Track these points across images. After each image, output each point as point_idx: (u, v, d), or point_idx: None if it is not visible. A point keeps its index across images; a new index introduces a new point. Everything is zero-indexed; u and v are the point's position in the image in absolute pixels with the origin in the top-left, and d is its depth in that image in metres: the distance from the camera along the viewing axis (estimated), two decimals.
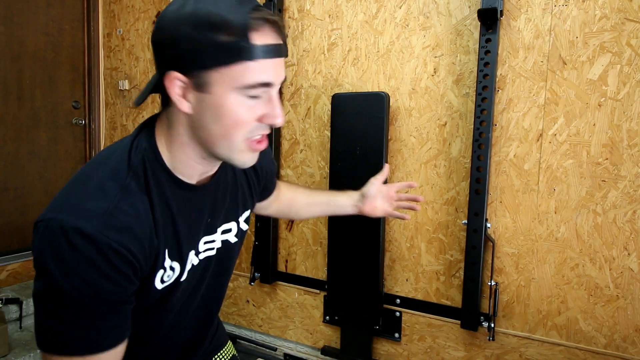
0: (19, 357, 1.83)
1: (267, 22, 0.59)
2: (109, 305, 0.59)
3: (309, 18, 1.93)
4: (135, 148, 0.65)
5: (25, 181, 2.46)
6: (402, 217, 1.09)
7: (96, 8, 2.70)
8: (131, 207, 0.61)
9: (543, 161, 1.50)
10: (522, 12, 1.50)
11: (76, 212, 0.57)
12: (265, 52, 0.59)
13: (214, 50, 0.57)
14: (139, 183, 0.63)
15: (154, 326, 0.79)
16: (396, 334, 1.79)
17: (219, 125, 0.61)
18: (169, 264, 0.69)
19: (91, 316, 0.58)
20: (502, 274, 1.59)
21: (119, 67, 2.66)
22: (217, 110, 0.60)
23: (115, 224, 0.58)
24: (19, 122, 2.40)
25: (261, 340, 2.14)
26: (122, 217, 0.59)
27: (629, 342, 1.41)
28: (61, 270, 0.55)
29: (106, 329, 0.60)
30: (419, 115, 1.70)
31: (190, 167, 0.69)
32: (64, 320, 0.57)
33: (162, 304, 0.74)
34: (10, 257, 2.35)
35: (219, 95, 0.60)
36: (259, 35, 0.58)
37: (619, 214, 1.40)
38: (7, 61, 2.32)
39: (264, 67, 0.59)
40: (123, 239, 0.58)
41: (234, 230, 0.84)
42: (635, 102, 1.36)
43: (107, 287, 0.57)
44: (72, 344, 0.58)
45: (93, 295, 0.57)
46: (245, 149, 0.64)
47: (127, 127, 2.66)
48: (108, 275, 0.57)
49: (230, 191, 0.81)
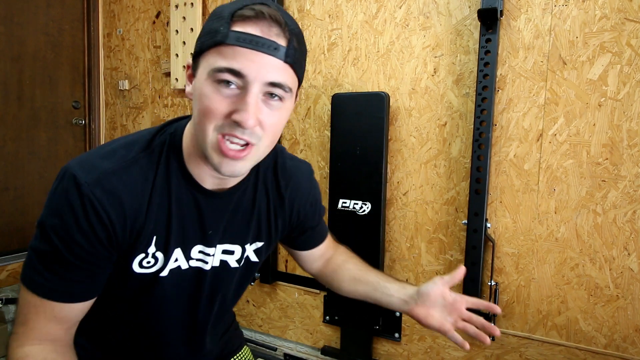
0: None
1: (255, 14, 0.58)
2: (77, 259, 0.62)
3: (309, 18, 1.93)
4: (163, 130, 0.69)
5: (25, 181, 2.46)
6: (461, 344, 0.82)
7: (96, 8, 2.70)
8: (130, 178, 0.63)
9: (543, 161, 1.50)
10: (522, 12, 1.50)
11: (82, 164, 0.62)
12: (238, 39, 0.57)
13: (205, 35, 0.60)
14: (150, 161, 0.66)
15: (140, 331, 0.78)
16: (396, 334, 1.79)
17: (198, 110, 0.61)
18: (152, 251, 0.68)
19: (61, 263, 0.62)
20: (502, 274, 1.59)
21: (119, 67, 2.66)
22: (197, 93, 0.61)
23: (105, 185, 0.61)
24: (19, 122, 2.40)
25: (261, 340, 2.14)
26: (115, 182, 0.62)
27: (629, 342, 1.41)
28: (51, 207, 0.61)
29: (70, 282, 0.63)
30: (419, 115, 1.70)
31: (197, 165, 0.68)
32: (40, 257, 0.62)
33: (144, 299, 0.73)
34: (10, 257, 2.35)
35: (199, 79, 0.61)
36: (241, 24, 0.58)
37: (619, 214, 1.40)
38: (7, 61, 2.33)
39: (237, 54, 0.57)
40: (105, 201, 0.61)
41: (237, 254, 0.79)
42: (635, 102, 1.36)
43: (79, 239, 0.61)
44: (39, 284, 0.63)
45: (66, 242, 0.61)
46: (216, 147, 0.61)
47: (127, 127, 2.66)
48: (82, 227, 0.60)
49: (244, 213, 0.77)
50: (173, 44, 2.29)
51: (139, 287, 0.71)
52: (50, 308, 0.64)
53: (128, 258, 0.67)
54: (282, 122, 0.64)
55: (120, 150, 0.65)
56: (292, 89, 0.62)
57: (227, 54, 0.57)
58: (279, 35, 0.59)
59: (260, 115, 0.60)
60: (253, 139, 0.61)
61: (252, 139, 0.61)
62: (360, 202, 1.74)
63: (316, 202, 0.90)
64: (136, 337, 0.79)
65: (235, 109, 0.58)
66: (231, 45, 0.57)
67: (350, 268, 0.94)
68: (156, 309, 0.75)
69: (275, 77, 0.59)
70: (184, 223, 0.70)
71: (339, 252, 1.00)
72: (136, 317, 0.76)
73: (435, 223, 1.70)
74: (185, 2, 2.22)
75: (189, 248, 0.73)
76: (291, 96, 0.64)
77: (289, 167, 0.83)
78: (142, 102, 2.56)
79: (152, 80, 2.52)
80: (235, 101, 0.59)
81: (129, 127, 2.65)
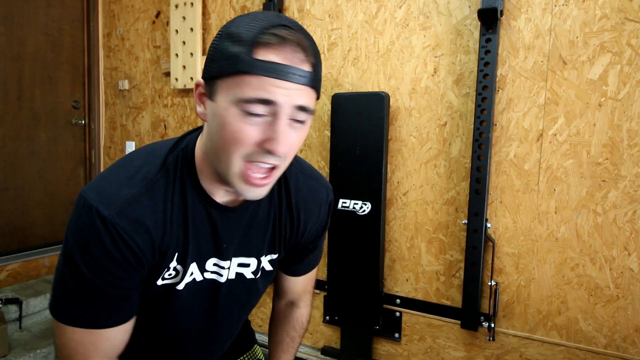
0: (19, 357, 1.83)
1: (280, 40, 0.56)
2: (111, 287, 0.63)
3: (309, 18, 1.93)
4: (176, 147, 0.69)
5: (25, 181, 2.46)
6: None
7: (96, 8, 2.70)
8: (151, 202, 0.64)
9: (543, 161, 1.50)
10: (522, 12, 1.50)
11: (103, 196, 0.62)
12: (265, 69, 0.55)
13: (222, 60, 0.57)
14: (167, 181, 0.66)
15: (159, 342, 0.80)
16: (396, 334, 1.79)
17: (220, 137, 0.60)
18: (173, 265, 0.70)
19: (96, 293, 0.62)
20: (502, 274, 1.59)
21: (119, 67, 2.66)
22: (220, 121, 0.59)
23: (129, 214, 0.61)
24: (19, 122, 2.40)
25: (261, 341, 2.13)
26: (138, 210, 0.62)
27: (629, 342, 1.41)
28: (78, 243, 0.61)
29: (107, 309, 0.64)
30: (419, 115, 1.70)
31: (209, 181, 0.68)
32: (72, 291, 0.62)
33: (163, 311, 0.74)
34: (10, 257, 2.35)
35: (222, 105, 0.59)
36: (264, 52, 0.56)
37: (619, 214, 1.40)
38: (7, 61, 2.32)
39: (264, 84, 0.56)
40: (131, 229, 0.61)
41: (253, 266, 0.80)
42: (635, 102, 1.36)
43: (111, 268, 0.61)
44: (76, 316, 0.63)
45: (98, 273, 0.61)
46: (242, 175, 0.61)
47: (126, 127, 2.66)
48: (113, 258, 0.61)
49: (258, 227, 0.77)
50: (173, 44, 2.29)
51: (159, 299, 0.73)
52: (97, 338, 0.64)
53: (155, 275, 0.69)
54: (303, 139, 0.65)
55: (138, 175, 0.64)
56: (313, 108, 0.63)
57: (254, 84, 0.56)
58: (303, 62, 0.58)
59: (289, 140, 0.60)
60: (279, 161, 0.62)
61: (279, 161, 0.62)
62: (360, 202, 1.74)
63: (324, 228, 0.90)
64: (155, 347, 0.81)
65: (268, 138, 0.58)
66: (257, 75, 0.56)
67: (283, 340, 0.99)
68: (175, 318, 0.76)
69: (303, 101, 0.59)
70: (198, 237, 0.71)
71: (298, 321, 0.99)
72: (156, 328, 0.78)
73: (435, 223, 1.70)
74: (185, 2, 2.22)
75: (204, 261, 0.74)
76: (312, 114, 0.64)
77: (307, 186, 0.83)
78: (142, 102, 2.56)
79: (152, 80, 2.52)
80: (266, 129, 0.58)
81: (128, 127, 2.65)
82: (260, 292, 0.87)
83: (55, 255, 2.52)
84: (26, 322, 2.10)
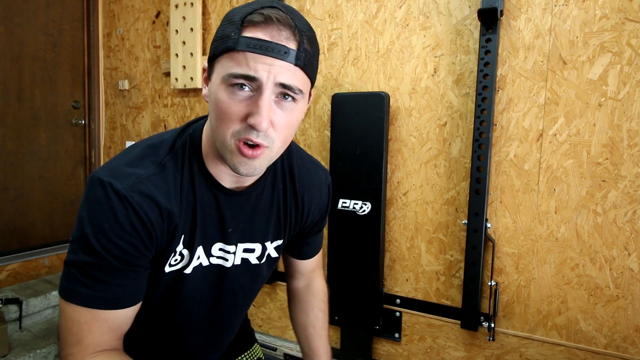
0: (19, 357, 1.83)
1: (264, 19, 0.59)
2: (122, 263, 0.63)
3: (309, 18, 1.93)
4: (184, 132, 0.71)
5: (25, 181, 2.46)
6: None
7: (96, 8, 2.70)
8: (162, 182, 0.65)
9: (543, 161, 1.50)
10: (522, 12, 1.50)
11: (114, 173, 0.63)
12: (248, 45, 0.58)
13: (218, 40, 0.62)
14: (175, 164, 0.68)
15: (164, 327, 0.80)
16: (396, 334, 1.79)
17: (214, 115, 0.63)
18: (179, 249, 0.71)
19: (106, 270, 0.62)
20: (502, 274, 1.59)
21: (119, 67, 2.66)
22: (213, 98, 0.63)
23: (141, 190, 0.63)
24: (19, 122, 2.40)
25: (261, 340, 2.14)
26: (150, 187, 0.64)
27: (629, 342, 1.41)
28: (90, 217, 0.61)
29: (116, 287, 0.64)
30: (419, 115, 1.70)
31: (214, 165, 0.70)
32: (83, 269, 0.62)
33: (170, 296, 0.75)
34: (10, 257, 2.35)
35: (215, 83, 0.63)
36: (251, 30, 0.59)
37: (619, 214, 1.40)
38: (7, 61, 2.32)
39: (248, 59, 0.58)
40: (144, 204, 0.63)
41: (257, 252, 0.82)
42: (635, 102, 1.36)
43: (121, 243, 0.62)
44: (85, 294, 0.62)
45: (109, 248, 0.61)
46: (235, 150, 0.63)
47: (126, 127, 2.66)
48: (124, 230, 0.62)
49: (262, 212, 0.79)
50: (173, 43, 2.29)
51: (166, 285, 0.73)
52: (102, 318, 0.64)
53: (163, 258, 0.69)
54: (294, 122, 0.65)
55: (147, 155, 0.66)
56: (302, 90, 0.63)
57: (239, 59, 0.59)
58: (288, 39, 0.60)
59: (274, 117, 0.62)
60: (266, 141, 0.62)
61: (265, 141, 0.62)
62: (360, 202, 1.74)
63: (326, 210, 0.92)
64: (160, 333, 0.81)
65: (250, 112, 0.60)
66: (242, 52, 0.58)
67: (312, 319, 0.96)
68: (181, 305, 0.77)
69: (286, 79, 0.60)
70: (205, 221, 0.72)
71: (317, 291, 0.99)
72: (162, 314, 0.78)
73: (435, 223, 1.70)
74: (185, 2, 2.22)
75: (210, 245, 0.75)
76: (303, 97, 0.65)
77: (307, 170, 0.86)
78: (142, 102, 2.56)
79: (152, 80, 2.52)
80: (250, 104, 0.60)
81: (128, 127, 2.65)
82: (263, 279, 0.89)
83: (55, 255, 2.52)
84: (26, 322, 2.10)
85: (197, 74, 2.23)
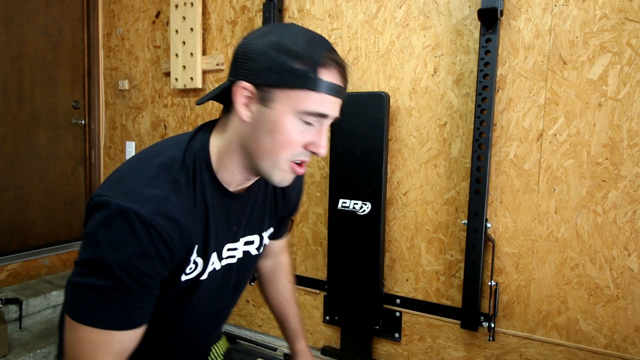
0: (19, 357, 1.83)
1: (336, 65, 0.68)
2: (140, 285, 0.64)
3: (309, 18, 1.93)
4: (190, 147, 0.72)
5: (25, 181, 2.46)
6: None
7: (96, 8, 2.70)
8: (178, 200, 0.67)
9: (543, 161, 1.50)
10: (522, 12, 1.50)
11: (133, 196, 0.63)
12: (328, 88, 0.66)
13: (287, 73, 0.65)
14: (187, 179, 0.70)
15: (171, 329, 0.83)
16: (396, 334, 1.79)
17: (271, 140, 0.68)
18: (193, 258, 0.73)
19: (122, 292, 0.63)
20: (502, 274, 1.59)
21: (119, 67, 2.66)
22: (273, 126, 0.67)
23: (163, 212, 0.64)
24: (19, 122, 2.40)
25: (261, 340, 2.14)
26: (170, 207, 0.65)
27: (629, 342, 1.41)
28: (110, 243, 0.61)
29: (131, 308, 0.65)
30: (419, 115, 1.70)
31: (231, 174, 0.74)
32: (98, 291, 0.62)
33: (182, 302, 0.78)
34: (10, 257, 2.35)
35: (279, 112, 0.66)
36: (326, 73, 0.66)
37: (619, 214, 1.40)
38: (7, 61, 2.33)
39: (324, 100, 0.67)
40: (168, 226, 0.64)
41: (256, 243, 0.88)
42: (635, 102, 1.36)
43: (143, 266, 0.63)
44: (99, 316, 0.63)
45: (130, 272, 0.62)
46: (288, 169, 0.70)
47: (126, 127, 2.66)
48: (148, 255, 0.63)
49: (259, 205, 0.86)
50: (173, 43, 2.29)
51: (180, 292, 0.76)
52: (110, 340, 0.64)
53: (179, 270, 0.72)
54: None
55: (161, 174, 0.68)
56: None
57: (316, 100, 0.66)
58: (345, 80, 0.70)
59: None
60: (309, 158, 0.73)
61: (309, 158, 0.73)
62: (360, 202, 1.74)
63: (301, 194, 1.03)
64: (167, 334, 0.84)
65: (313, 142, 0.69)
66: (322, 93, 0.66)
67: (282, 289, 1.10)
68: (191, 307, 0.80)
69: (338, 113, 0.72)
70: (217, 228, 0.75)
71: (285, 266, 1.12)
72: (170, 318, 0.80)
73: (435, 223, 1.70)
74: (185, 2, 2.22)
75: (221, 249, 0.79)
76: None
77: None
78: (142, 102, 2.56)
79: (152, 80, 2.52)
80: (312, 133, 0.69)
81: (128, 127, 2.65)
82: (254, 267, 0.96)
83: (55, 255, 2.52)
84: (26, 322, 2.10)
85: (197, 74, 2.23)
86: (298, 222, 2.02)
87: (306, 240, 2.01)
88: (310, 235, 2.00)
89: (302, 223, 2.01)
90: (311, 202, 1.98)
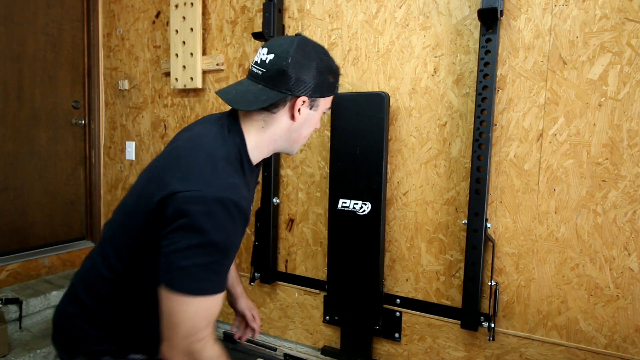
0: (19, 357, 1.83)
1: None
2: (233, 255, 0.83)
3: (309, 18, 1.93)
4: (232, 142, 0.90)
5: (25, 181, 2.46)
6: None
7: (96, 8, 2.70)
8: (241, 183, 0.86)
9: (543, 161, 1.50)
10: (522, 12, 1.50)
11: (222, 187, 0.79)
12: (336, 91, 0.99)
13: (328, 86, 0.94)
14: (241, 167, 0.90)
15: None
16: (396, 334, 1.79)
17: (307, 130, 0.97)
18: None
19: (226, 263, 0.81)
20: (502, 274, 1.59)
21: (119, 67, 2.66)
22: (312, 121, 0.96)
23: (243, 195, 0.82)
24: (19, 122, 2.40)
25: (261, 340, 2.14)
26: (243, 191, 0.84)
27: (629, 342, 1.41)
28: (216, 227, 0.76)
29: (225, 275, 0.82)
30: (419, 115, 1.70)
31: (261, 155, 0.96)
32: (208, 267, 0.77)
33: None
34: (10, 257, 2.36)
35: (318, 112, 0.96)
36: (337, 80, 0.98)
37: (619, 214, 1.40)
38: (7, 61, 2.33)
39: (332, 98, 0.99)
40: (247, 206, 0.82)
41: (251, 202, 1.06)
42: (635, 102, 1.36)
43: (237, 240, 0.82)
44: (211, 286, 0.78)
45: (231, 247, 0.80)
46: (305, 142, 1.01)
47: (126, 127, 2.66)
48: (240, 230, 0.81)
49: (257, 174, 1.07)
50: (173, 43, 2.29)
51: None
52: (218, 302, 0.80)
53: None
54: None
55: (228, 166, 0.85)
56: None
57: (331, 99, 0.99)
58: None
59: None
60: None
61: None
62: (360, 202, 1.74)
63: None
64: None
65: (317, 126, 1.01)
66: (333, 95, 0.99)
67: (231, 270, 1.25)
68: None
69: None
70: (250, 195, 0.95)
71: None
72: None
73: (435, 223, 1.70)
74: (185, 2, 2.22)
75: None
76: None
77: None
78: (142, 102, 2.56)
79: (151, 80, 2.52)
80: None
81: (128, 127, 2.65)
82: None
83: (55, 255, 2.52)
84: (26, 322, 2.10)
85: (197, 74, 2.23)
86: (298, 222, 2.02)
87: (306, 240, 2.01)
88: (310, 235, 2.00)
89: (302, 223, 2.01)
90: (311, 202, 1.98)
